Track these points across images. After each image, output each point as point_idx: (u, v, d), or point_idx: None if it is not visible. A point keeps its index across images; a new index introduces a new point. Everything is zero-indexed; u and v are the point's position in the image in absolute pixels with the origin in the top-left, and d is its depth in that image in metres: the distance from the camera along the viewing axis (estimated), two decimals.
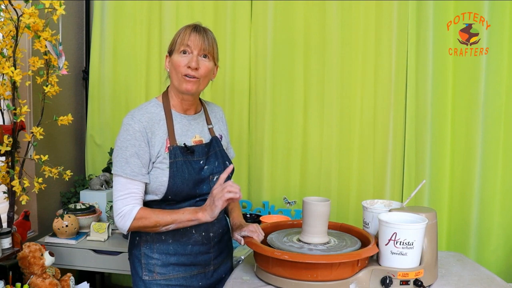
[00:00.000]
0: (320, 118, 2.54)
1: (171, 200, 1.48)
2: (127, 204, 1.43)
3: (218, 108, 1.71)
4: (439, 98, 2.40)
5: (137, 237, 1.55)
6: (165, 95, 1.55)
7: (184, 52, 1.47)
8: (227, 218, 1.70)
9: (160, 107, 1.52)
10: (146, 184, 1.47)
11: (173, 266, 1.53)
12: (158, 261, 1.52)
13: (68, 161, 2.71)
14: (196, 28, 1.48)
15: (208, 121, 1.62)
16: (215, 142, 1.59)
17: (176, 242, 1.53)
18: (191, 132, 1.55)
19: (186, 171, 1.48)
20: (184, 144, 1.50)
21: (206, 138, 1.58)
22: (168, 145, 1.47)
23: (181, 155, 1.48)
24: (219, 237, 1.62)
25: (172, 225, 1.44)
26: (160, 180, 1.45)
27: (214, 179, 1.54)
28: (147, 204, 1.50)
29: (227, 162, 1.61)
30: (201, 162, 1.52)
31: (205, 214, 1.41)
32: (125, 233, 1.47)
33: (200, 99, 1.64)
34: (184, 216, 1.43)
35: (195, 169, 1.50)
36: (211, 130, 1.61)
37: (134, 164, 1.43)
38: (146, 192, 1.49)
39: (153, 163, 1.46)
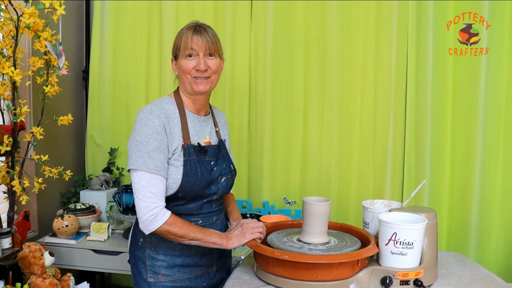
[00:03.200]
0: (320, 118, 2.54)
1: (180, 198, 1.48)
2: (156, 202, 1.40)
3: (222, 114, 1.74)
4: (439, 98, 2.40)
5: (140, 238, 1.53)
6: (177, 95, 1.55)
7: (190, 55, 1.47)
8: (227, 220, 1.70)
9: (174, 105, 1.52)
10: None
11: (178, 268, 1.53)
12: (163, 262, 1.52)
13: (68, 161, 2.71)
14: (197, 30, 1.48)
15: (216, 124, 1.64)
16: (222, 145, 1.62)
17: (182, 243, 1.52)
18: (202, 133, 1.56)
19: (199, 170, 1.48)
20: (198, 143, 1.51)
21: (214, 141, 1.60)
22: (183, 143, 1.48)
23: (195, 154, 1.49)
24: None
25: (197, 241, 1.44)
26: (174, 177, 1.45)
27: (222, 180, 1.56)
28: None
29: (231, 166, 1.63)
30: (212, 163, 1.53)
31: (230, 243, 1.45)
32: (147, 232, 1.42)
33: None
34: (211, 238, 1.45)
35: (207, 169, 1.51)
36: (218, 133, 1.63)
37: (157, 159, 1.42)
38: None
39: (169, 159, 1.46)
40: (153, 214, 1.39)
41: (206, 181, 1.50)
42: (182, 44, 1.48)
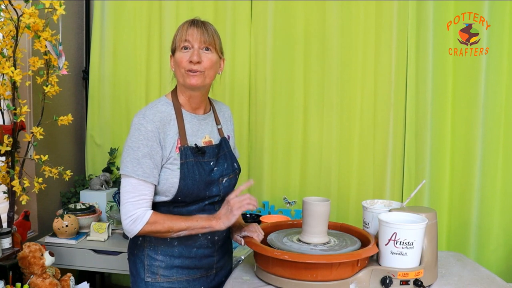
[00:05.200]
0: (320, 118, 2.54)
1: (180, 202, 1.46)
2: (138, 207, 1.40)
3: (226, 108, 1.69)
4: (439, 98, 2.40)
5: (140, 237, 1.52)
6: (174, 94, 1.52)
7: (185, 48, 1.44)
8: None
9: (170, 105, 1.49)
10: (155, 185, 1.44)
11: (176, 269, 1.51)
12: (162, 263, 1.50)
13: (68, 161, 2.71)
14: (194, 22, 1.46)
15: (217, 121, 1.60)
16: (224, 143, 1.57)
17: (182, 244, 1.50)
18: (201, 133, 1.52)
19: (197, 172, 1.45)
20: (195, 144, 1.48)
21: (215, 139, 1.56)
22: (179, 145, 1.45)
23: (192, 156, 1.45)
24: (223, 241, 1.60)
25: (184, 231, 1.42)
26: (171, 181, 1.43)
27: (224, 181, 1.53)
28: (155, 205, 1.47)
29: (235, 164, 1.59)
30: (211, 164, 1.50)
31: (220, 222, 1.41)
32: (131, 236, 1.44)
33: (209, 98, 1.61)
34: (198, 224, 1.42)
35: (205, 170, 1.48)
36: (220, 131, 1.59)
37: (146, 165, 1.40)
38: (155, 193, 1.46)
39: (164, 164, 1.44)
40: (132, 219, 1.39)
41: (205, 183, 1.47)
42: (178, 36, 1.46)
